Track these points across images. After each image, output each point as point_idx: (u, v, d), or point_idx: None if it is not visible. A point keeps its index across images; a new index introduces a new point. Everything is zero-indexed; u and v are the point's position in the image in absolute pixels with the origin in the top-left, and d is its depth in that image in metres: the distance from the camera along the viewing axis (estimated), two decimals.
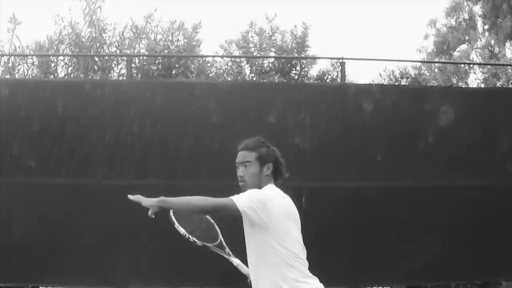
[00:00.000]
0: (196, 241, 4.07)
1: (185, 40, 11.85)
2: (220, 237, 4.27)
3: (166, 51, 11.50)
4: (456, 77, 15.02)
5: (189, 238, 4.03)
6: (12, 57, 11.58)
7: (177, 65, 11.43)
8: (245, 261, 3.90)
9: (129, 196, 3.53)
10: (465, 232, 7.16)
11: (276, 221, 3.62)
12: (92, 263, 6.83)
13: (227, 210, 3.66)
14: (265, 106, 7.16)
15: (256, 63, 12.12)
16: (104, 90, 7.23)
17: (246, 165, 3.83)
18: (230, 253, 4.14)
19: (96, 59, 11.48)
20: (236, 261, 4.04)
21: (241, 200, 3.62)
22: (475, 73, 15.80)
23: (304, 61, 12.46)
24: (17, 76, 11.33)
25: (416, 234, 7.14)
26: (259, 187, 3.77)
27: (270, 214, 3.60)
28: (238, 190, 3.72)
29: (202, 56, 12.15)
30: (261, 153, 3.84)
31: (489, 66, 15.15)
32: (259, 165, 3.83)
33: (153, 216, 3.62)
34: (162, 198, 3.59)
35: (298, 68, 12.49)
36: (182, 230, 4.04)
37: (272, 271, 3.62)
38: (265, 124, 7.12)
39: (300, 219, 3.77)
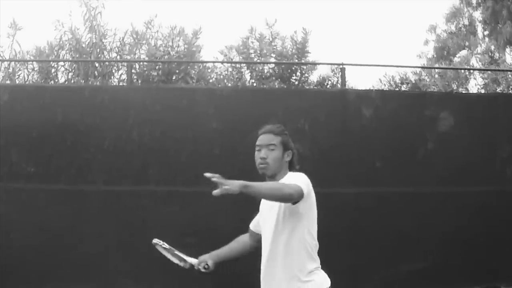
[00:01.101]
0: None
1: (185, 46, 11.84)
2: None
3: (166, 56, 11.49)
4: (456, 83, 15.01)
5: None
6: (13, 63, 11.56)
7: (177, 71, 11.42)
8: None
9: (206, 174, 3.47)
10: (464, 237, 7.15)
11: (313, 207, 3.79)
12: (91, 269, 6.82)
13: (295, 197, 3.61)
14: (265, 111, 7.15)
15: (256, 69, 12.11)
16: (104, 96, 7.23)
17: (271, 148, 3.89)
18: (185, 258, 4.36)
19: (97, 64, 11.46)
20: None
21: (302, 185, 3.64)
22: (475, 78, 15.80)
23: (304, 67, 12.45)
24: (17, 82, 11.32)
25: (416, 240, 7.12)
26: (279, 172, 3.86)
27: (312, 200, 3.77)
28: (237, 196, 3.71)
29: (202, 62, 12.14)
30: (284, 139, 3.93)
31: (489, 72, 15.15)
32: (282, 150, 3.91)
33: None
34: (245, 182, 3.55)
35: (298, 73, 12.48)
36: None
37: (293, 260, 3.68)
38: None
39: None
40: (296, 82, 12.38)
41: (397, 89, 14.91)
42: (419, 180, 7.16)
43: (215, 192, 3.38)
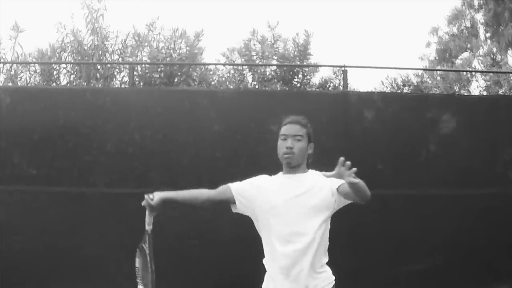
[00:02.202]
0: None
1: (187, 48, 11.85)
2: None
3: (168, 59, 11.50)
4: (458, 85, 15.01)
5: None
6: (14, 65, 11.59)
7: (179, 73, 11.42)
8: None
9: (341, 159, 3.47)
10: (467, 240, 7.14)
11: None
12: (93, 272, 6.81)
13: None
14: (267, 114, 7.15)
15: (258, 71, 12.11)
16: (106, 98, 7.23)
17: (297, 139, 3.86)
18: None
19: (99, 67, 11.48)
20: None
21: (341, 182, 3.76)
22: (477, 80, 15.80)
23: (306, 69, 12.45)
24: (19, 84, 11.33)
25: (418, 243, 7.11)
26: (301, 163, 3.88)
27: None
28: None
29: (204, 64, 12.15)
30: (309, 131, 3.95)
31: (491, 74, 15.15)
32: (307, 142, 3.92)
33: None
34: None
35: (300, 76, 12.48)
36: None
37: (318, 251, 3.74)
38: (267, 132, 7.10)
39: None
40: (298, 84, 12.38)
41: (399, 91, 14.90)
42: (421, 182, 7.15)
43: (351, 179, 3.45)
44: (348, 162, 3.48)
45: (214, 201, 3.97)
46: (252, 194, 3.88)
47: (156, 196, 3.71)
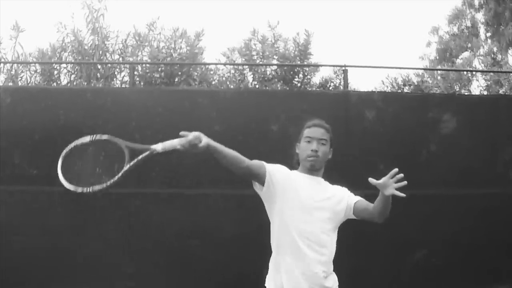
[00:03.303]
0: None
1: (188, 48, 11.84)
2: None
3: (168, 58, 11.49)
4: (459, 85, 15.00)
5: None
6: (15, 65, 11.58)
7: (179, 73, 11.41)
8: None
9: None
10: (467, 240, 7.14)
11: None
12: (94, 272, 6.82)
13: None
14: (267, 114, 7.15)
15: (259, 71, 12.10)
16: (107, 98, 7.23)
17: (322, 143, 3.92)
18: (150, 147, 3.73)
19: (99, 66, 11.47)
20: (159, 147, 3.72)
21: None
22: (477, 80, 15.79)
23: (307, 69, 12.43)
24: (19, 84, 11.33)
25: (418, 243, 7.11)
26: (322, 167, 3.97)
27: None
28: (240, 198, 3.73)
29: (205, 64, 12.13)
30: (331, 137, 4.00)
31: (491, 74, 15.14)
32: (329, 147, 3.97)
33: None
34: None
35: (300, 75, 12.46)
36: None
37: (331, 251, 3.85)
38: (267, 132, 7.12)
39: None
40: (299, 84, 12.37)
41: (400, 91, 14.89)
42: (421, 182, 7.13)
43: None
44: (401, 175, 3.61)
45: (252, 172, 3.80)
46: (284, 183, 3.82)
47: (204, 140, 3.56)
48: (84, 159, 3.78)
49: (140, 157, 3.65)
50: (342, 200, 3.92)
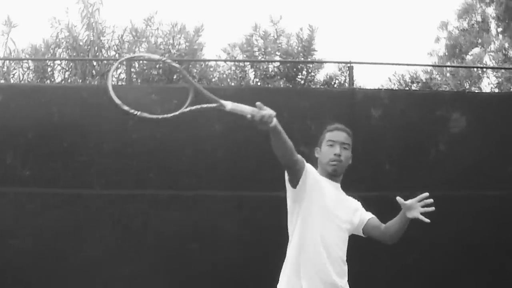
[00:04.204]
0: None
1: (187, 44, 11.86)
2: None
3: (167, 55, 11.51)
4: (469, 82, 14.98)
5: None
6: (7, 61, 11.60)
7: (178, 70, 11.41)
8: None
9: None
10: (477, 244, 7.14)
11: None
12: (90, 276, 6.83)
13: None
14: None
15: (261, 68, 12.11)
16: (102, 96, 7.22)
17: (345, 147, 3.96)
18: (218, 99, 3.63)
19: (94, 63, 11.48)
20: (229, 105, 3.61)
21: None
22: (488, 77, 15.76)
23: (311, 66, 12.45)
24: (12, 81, 11.35)
25: (426, 246, 7.11)
26: (343, 173, 4.00)
27: None
28: (240, 199, 3.74)
29: (204, 61, 12.15)
30: (352, 142, 4.04)
31: (503, 70, 15.11)
32: (351, 152, 4.01)
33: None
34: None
35: (304, 72, 12.48)
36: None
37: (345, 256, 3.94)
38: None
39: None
40: (302, 82, 12.38)
41: (407, 88, 14.87)
42: (429, 183, 7.14)
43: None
44: (430, 200, 3.78)
45: (296, 167, 3.74)
46: (313, 185, 3.80)
47: (275, 119, 3.44)
48: None
49: (205, 105, 3.61)
50: (357, 212, 3.97)
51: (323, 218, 3.75)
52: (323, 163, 3.90)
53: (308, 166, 3.77)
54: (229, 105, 3.53)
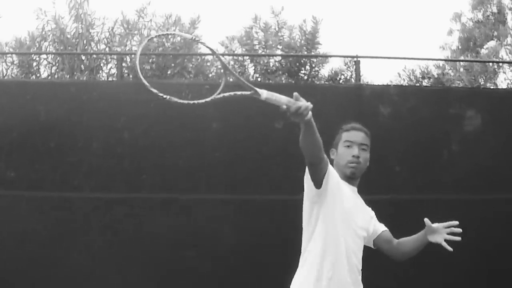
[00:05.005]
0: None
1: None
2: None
3: (160, 48, 11.52)
4: (484, 77, 15.01)
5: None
6: None
7: (173, 64, 11.44)
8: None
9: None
10: (492, 250, 7.14)
11: None
12: (78, 285, 6.83)
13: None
14: (271, 110, 7.13)
15: (261, 62, 12.12)
16: (92, 93, 7.24)
17: (363, 148, 3.92)
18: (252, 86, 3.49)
19: (83, 57, 11.48)
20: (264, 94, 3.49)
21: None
22: (504, 72, 15.81)
23: (315, 60, 12.46)
24: None
25: (438, 252, 7.10)
26: (360, 177, 3.95)
27: None
28: (240, 203, 3.74)
29: (201, 55, 12.15)
30: (370, 143, 3.99)
31: None
32: (369, 153, 3.96)
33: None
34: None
35: (307, 67, 12.49)
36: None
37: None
38: (271, 130, 7.12)
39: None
40: (305, 77, 12.39)
41: (418, 84, 14.90)
42: (442, 186, 7.16)
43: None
44: (459, 230, 3.81)
45: (321, 165, 3.62)
46: (334, 188, 3.74)
47: (310, 113, 3.38)
48: None
49: (239, 92, 3.55)
50: (371, 221, 3.98)
51: (343, 224, 3.74)
52: (341, 165, 3.87)
53: (331, 168, 3.72)
54: (264, 93, 3.46)
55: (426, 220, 3.63)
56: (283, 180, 6.88)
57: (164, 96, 3.34)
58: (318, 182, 3.65)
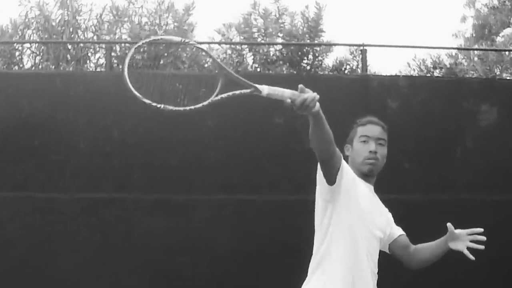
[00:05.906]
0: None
1: (176, 24, 11.85)
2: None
3: (152, 36, 11.50)
4: (500, 68, 14.99)
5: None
6: None
7: (165, 54, 11.43)
8: None
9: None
10: (508, 252, 7.14)
11: None
12: None
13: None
14: (270, 104, 7.13)
15: (260, 51, 12.10)
16: (79, 85, 7.24)
17: (380, 143, 3.89)
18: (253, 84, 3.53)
19: (69, 46, 11.47)
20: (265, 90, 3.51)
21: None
22: None
23: (318, 49, 12.44)
24: None
25: (450, 254, 7.11)
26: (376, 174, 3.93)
27: None
28: (237, 205, 3.74)
29: (195, 45, 12.12)
30: (387, 138, 3.96)
31: None
32: (387, 149, 3.93)
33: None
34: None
35: (310, 57, 12.46)
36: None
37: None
38: (271, 126, 7.13)
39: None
40: (308, 67, 12.38)
41: (429, 75, 14.89)
42: (455, 185, 7.16)
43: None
44: (483, 237, 3.85)
45: (333, 161, 3.60)
46: (349, 186, 3.72)
47: (318, 104, 3.36)
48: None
49: (237, 91, 3.56)
50: (388, 222, 3.96)
51: (359, 223, 3.72)
52: (357, 162, 3.84)
53: (344, 164, 3.70)
54: (265, 89, 3.48)
55: (449, 225, 3.60)
56: (284, 179, 6.88)
57: (158, 106, 3.31)
58: (331, 179, 3.62)
